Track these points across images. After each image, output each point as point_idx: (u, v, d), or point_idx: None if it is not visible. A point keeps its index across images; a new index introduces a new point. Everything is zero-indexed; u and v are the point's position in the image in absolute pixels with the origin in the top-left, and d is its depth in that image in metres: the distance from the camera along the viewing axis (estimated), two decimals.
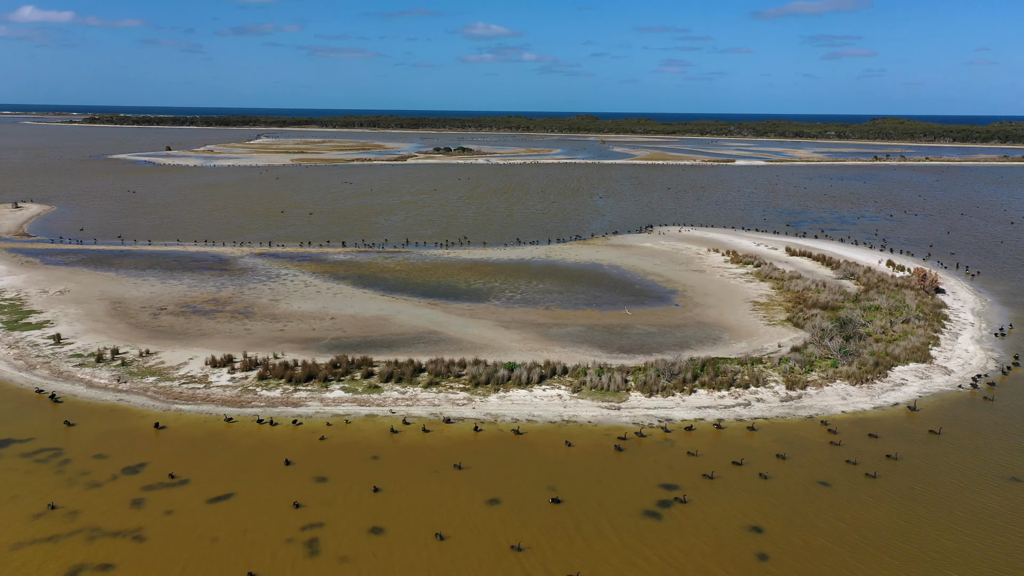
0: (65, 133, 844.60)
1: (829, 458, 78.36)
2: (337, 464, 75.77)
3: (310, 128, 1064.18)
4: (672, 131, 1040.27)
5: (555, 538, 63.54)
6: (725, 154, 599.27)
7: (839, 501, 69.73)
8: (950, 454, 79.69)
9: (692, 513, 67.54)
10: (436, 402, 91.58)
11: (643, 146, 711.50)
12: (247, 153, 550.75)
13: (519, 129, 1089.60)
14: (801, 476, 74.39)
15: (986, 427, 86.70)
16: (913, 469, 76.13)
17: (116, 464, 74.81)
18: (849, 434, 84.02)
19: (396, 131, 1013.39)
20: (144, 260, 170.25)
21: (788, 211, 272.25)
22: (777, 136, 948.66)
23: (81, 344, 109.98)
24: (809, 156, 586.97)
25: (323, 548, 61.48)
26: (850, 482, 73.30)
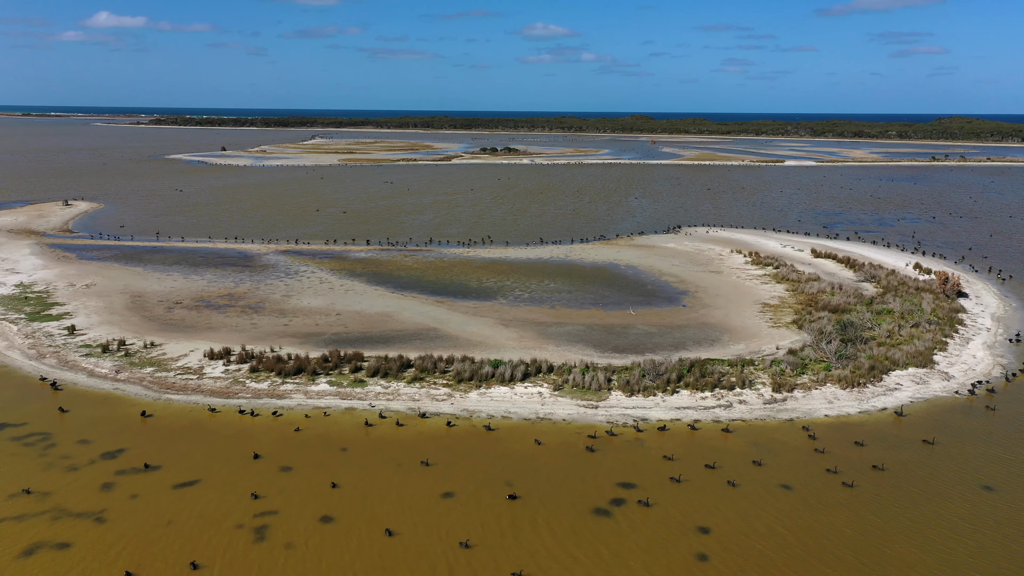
0: (130, 134, 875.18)
1: (798, 461, 77.13)
2: (305, 455, 77.69)
3: (365, 129, 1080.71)
4: (727, 131, 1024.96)
5: (505, 535, 64.02)
6: (776, 154, 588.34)
7: (797, 506, 68.64)
8: (926, 460, 77.62)
9: (642, 512, 67.36)
10: (417, 397, 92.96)
11: (693, 146, 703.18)
12: (298, 153, 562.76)
13: (571, 129, 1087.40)
14: (764, 479, 73.41)
15: (971, 434, 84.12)
16: (884, 474, 74.37)
17: (97, 449, 78.05)
18: (828, 438, 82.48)
19: (448, 131, 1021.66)
20: (172, 256, 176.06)
21: (827, 212, 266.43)
22: (835, 136, 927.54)
23: (93, 335, 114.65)
24: (864, 156, 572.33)
25: (270, 535, 63.25)
26: (814, 487, 72.04)
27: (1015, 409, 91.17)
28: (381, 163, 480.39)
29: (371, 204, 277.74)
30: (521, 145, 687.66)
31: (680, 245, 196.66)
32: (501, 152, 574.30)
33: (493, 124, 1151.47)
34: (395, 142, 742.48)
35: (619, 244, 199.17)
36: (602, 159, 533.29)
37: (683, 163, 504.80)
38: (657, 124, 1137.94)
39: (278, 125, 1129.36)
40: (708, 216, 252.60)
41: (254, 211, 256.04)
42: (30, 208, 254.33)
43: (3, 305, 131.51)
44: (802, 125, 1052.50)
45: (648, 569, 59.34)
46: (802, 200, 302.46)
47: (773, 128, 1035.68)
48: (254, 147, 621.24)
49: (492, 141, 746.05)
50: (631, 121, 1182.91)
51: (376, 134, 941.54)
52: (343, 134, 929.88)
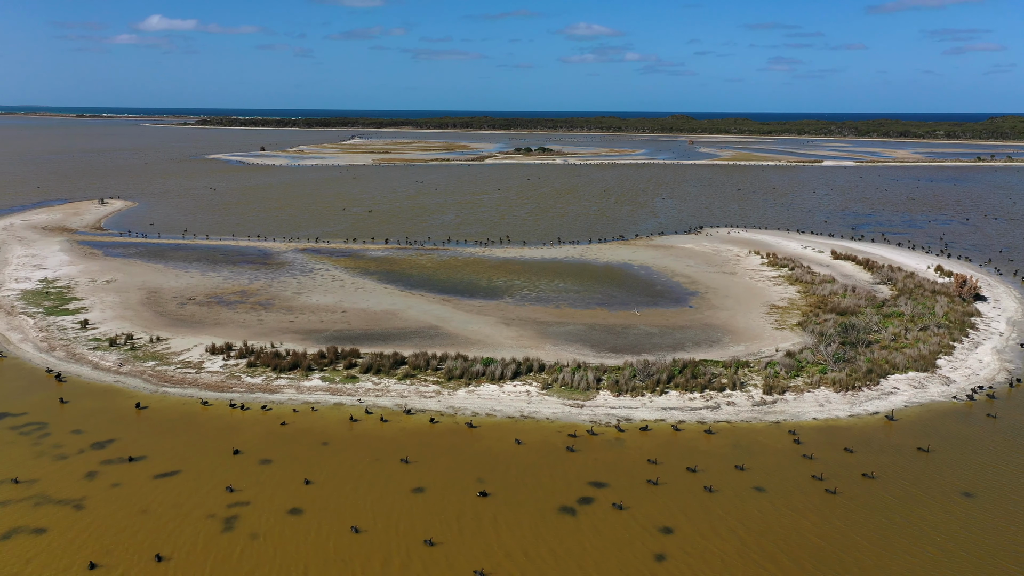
0: (175, 135, 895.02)
1: (776, 464, 76.35)
2: (286, 448, 79.21)
3: (404, 129, 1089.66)
4: (768, 131, 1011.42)
5: (469, 531, 64.44)
6: (814, 154, 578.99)
7: (766, 509, 68.01)
8: (908, 465, 76.21)
9: (608, 511, 67.42)
10: (405, 394, 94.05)
11: (731, 147, 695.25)
12: (335, 153, 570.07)
13: (610, 129, 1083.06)
14: (738, 480, 72.84)
15: (961, 439, 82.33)
16: (861, 478, 73.27)
17: (88, 439, 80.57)
18: (812, 441, 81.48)
19: (487, 132, 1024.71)
20: (194, 253, 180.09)
21: (856, 213, 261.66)
22: (880, 136, 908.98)
23: (103, 329, 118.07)
24: (906, 157, 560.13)
25: (239, 525, 64.75)
26: (787, 490, 71.29)
27: (1014, 415, 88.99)
28: (414, 163, 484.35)
29: (397, 203, 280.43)
30: (557, 145, 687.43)
31: (698, 246, 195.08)
32: (535, 152, 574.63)
33: (532, 124, 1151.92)
34: (432, 142, 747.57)
35: (637, 244, 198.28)
36: (636, 159, 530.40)
37: (718, 163, 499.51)
38: (697, 124, 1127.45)
39: (320, 126, 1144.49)
40: (733, 217, 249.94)
41: (281, 210, 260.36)
42: (67, 206, 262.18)
43: (25, 299, 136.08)
44: (846, 125, 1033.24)
45: (600, 568, 59.41)
46: (833, 201, 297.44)
47: (816, 128, 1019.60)
48: (292, 147, 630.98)
49: (528, 141, 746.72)
50: (671, 121, 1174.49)
51: (414, 134, 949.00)
52: (382, 134, 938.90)
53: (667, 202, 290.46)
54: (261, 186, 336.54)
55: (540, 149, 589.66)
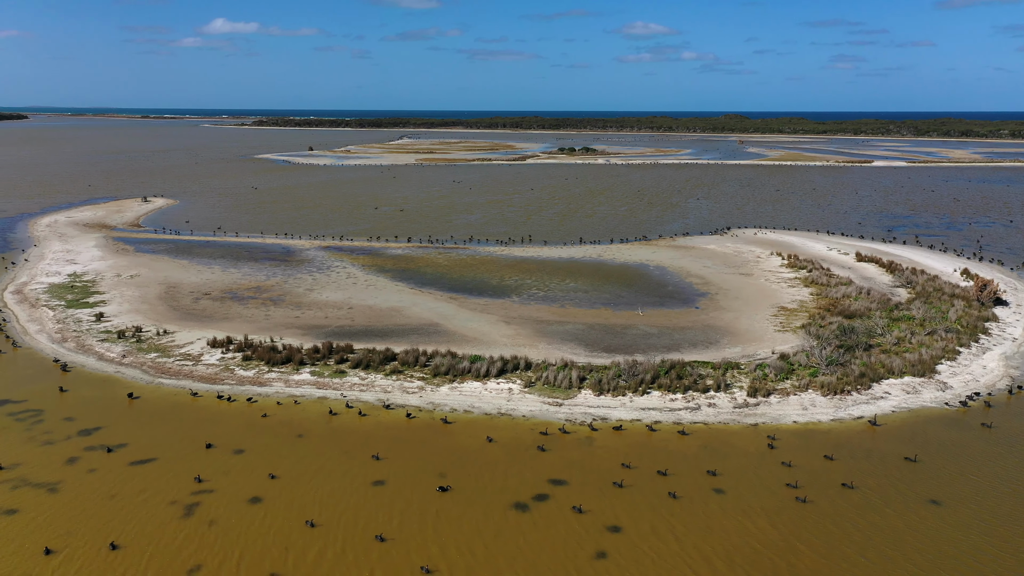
0: (231, 135, 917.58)
1: (743, 466, 75.47)
2: (261, 440, 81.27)
3: (454, 129, 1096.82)
4: (823, 131, 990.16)
5: (421, 526, 65.12)
6: (866, 154, 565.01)
7: (719, 511, 67.36)
8: (878, 471, 74.54)
9: (560, 509, 67.65)
10: (389, 389, 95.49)
11: (781, 146, 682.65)
12: (380, 153, 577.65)
13: (661, 129, 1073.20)
14: (700, 482, 72.26)
15: (942, 446, 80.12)
16: (828, 482, 71.98)
17: (77, 427, 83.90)
18: (787, 444, 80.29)
19: (536, 132, 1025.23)
20: (220, 250, 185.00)
21: (895, 215, 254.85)
22: (941, 136, 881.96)
23: (116, 322, 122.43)
24: (963, 157, 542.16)
25: (199, 512, 66.83)
26: (747, 492, 70.43)
27: (1006, 423, 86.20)
28: (456, 163, 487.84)
29: (428, 202, 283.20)
30: (603, 145, 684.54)
31: (721, 247, 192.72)
32: (579, 152, 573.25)
33: (582, 124, 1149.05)
34: (478, 142, 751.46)
35: (658, 245, 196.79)
36: (680, 159, 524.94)
37: (763, 163, 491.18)
38: (751, 123, 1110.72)
39: (371, 126, 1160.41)
40: (766, 218, 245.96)
41: (314, 208, 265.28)
42: (111, 204, 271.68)
43: (50, 292, 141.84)
44: (906, 124, 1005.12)
45: (537, 563, 59.75)
46: (874, 202, 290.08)
47: (874, 127, 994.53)
48: (339, 147, 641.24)
49: (575, 141, 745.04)
50: (724, 121, 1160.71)
51: (463, 134, 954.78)
52: (431, 134, 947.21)
53: (700, 203, 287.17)
54: (300, 185, 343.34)
55: (584, 149, 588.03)
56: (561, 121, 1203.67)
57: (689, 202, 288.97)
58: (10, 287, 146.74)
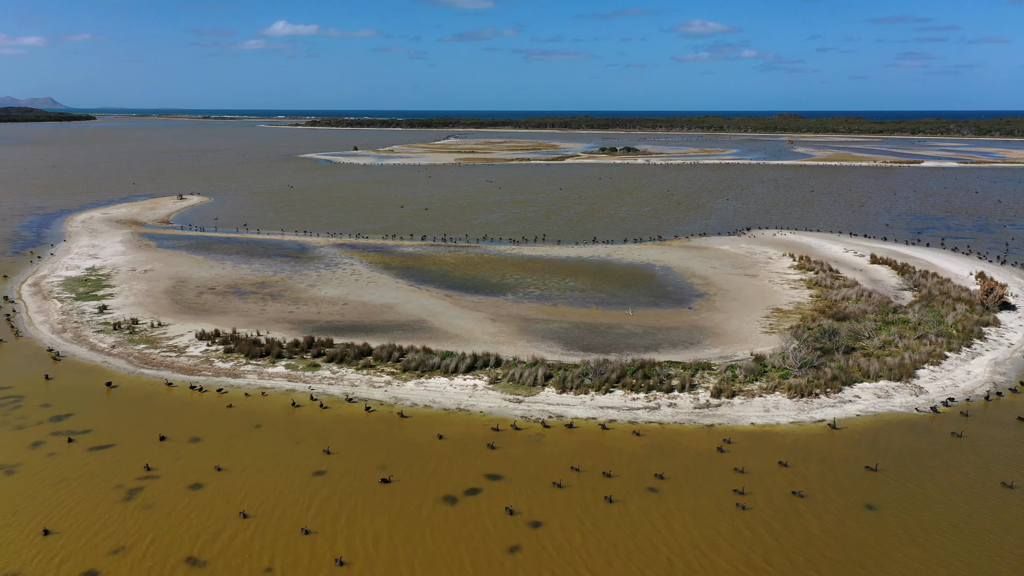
0: (283, 135, 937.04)
1: (685, 465, 74.95)
2: (219, 429, 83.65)
3: (503, 129, 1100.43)
4: (880, 130, 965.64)
5: (351, 518, 66.15)
6: (917, 155, 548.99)
7: (644, 509, 67.13)
8: (818, 472, 73.22)
9: (487, 502, 68.30)
10: (356, 383, 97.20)
11: (831, 146, 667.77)
12: (422, 153, 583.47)
13: (711, 129, 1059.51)
14: (636, 480, 72.05)
15: (897, 451, 78.22)
16: (766, 485, 71.01)
17: (51, 413, 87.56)
18: (738, 445, 79.37)
19: (584, 132, 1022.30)
20: (237, 246, 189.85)
21: (927, 216, 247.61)
22: (1003, 135, 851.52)
23: (117, 315, 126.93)
24: (1021, 157, 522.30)
25: (139, 496, 69.29)
26: (679, 492, 69.98)
27: (974, 429, 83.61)
28: (494, 162, 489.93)
29: (454, 201, 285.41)
30: (648, 145, 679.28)
31: (735, 247, 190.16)
32: (619, 152, 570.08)
33: (631, 124, 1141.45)
34: (523, 142, 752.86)
35: (671, 245, 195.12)
36: (722, 160, 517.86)
37: (806, 164, 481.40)
38: (805, 123, 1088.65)
39: (422, 126, 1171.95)
40: (791, 219, 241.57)
41: (341, 206, 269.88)
42: (148, 201, 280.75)
43: (65, 285, 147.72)
44: (968, 124, 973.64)
45: (451, 553, 60.50)
46: (909, 204, 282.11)
47: (933, 127, 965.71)
48: (384, 147, 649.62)
49: (621, 141, 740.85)
50: (778, 120, 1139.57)
51: (509, 134, 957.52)
52: (478, 134, 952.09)
53: (728, 204, 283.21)
54: (335, 184, 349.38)
55: (625, 149, 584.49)
56: (610, 121, 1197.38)
57: (717, 203, 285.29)
58: (30, 280, 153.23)
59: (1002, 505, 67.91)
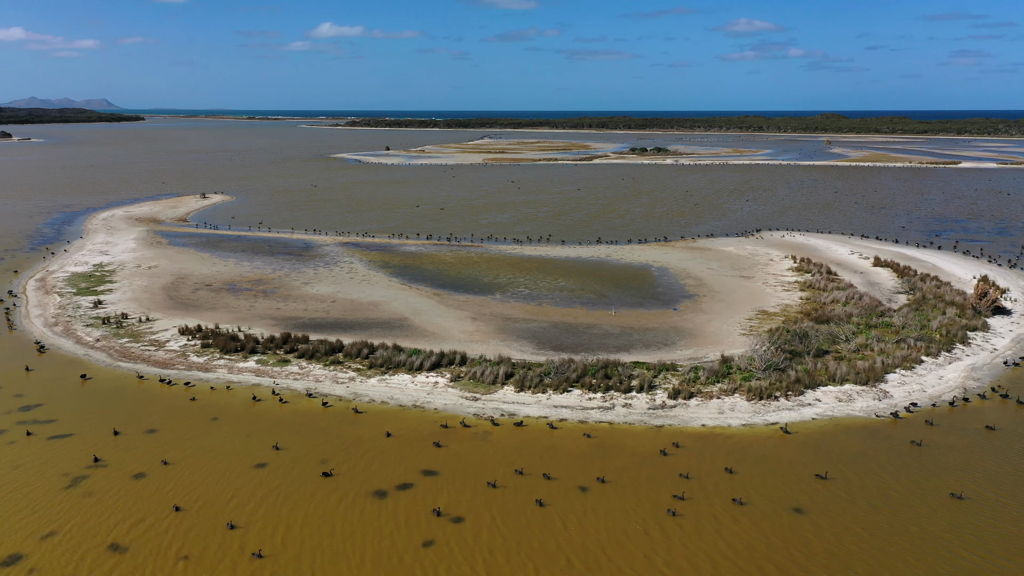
0: (320, 135, 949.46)
1: (623, 465, 74.82)
2: (177, 421, 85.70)
3: (540, 129, 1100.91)
4: (923, 130, 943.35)
5: (279, 510, 67.20)
6: (955, 155, 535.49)
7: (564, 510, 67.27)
8: (755, 473, 72.52)
9: (412, 497, 69.08)
10: (321, 378, 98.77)
11: (870, 147, 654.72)
12: (453, 153, 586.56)
13: (751, 129, 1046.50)
14: (567, 478, 72.19)
15: (846, 455, 77.06)
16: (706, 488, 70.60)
17: (21, 403, 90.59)
18: (686, 447, 78.89)
19: (621, 132, 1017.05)
20: (244, 244, 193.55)
21: (946, 219, 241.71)
22: None
23: (110, 309, 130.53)
24: None
25: (83, 484, 71.49)
26: (604, 492, 69.96)
27: (928, 436, 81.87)
28: (520, 163, 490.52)
29: (470, 201, 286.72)
30: (681, 145, 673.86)
31: (739, 249, 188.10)
32: (649, 152, 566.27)
33: (669, 124, 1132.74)
34: (555, 142, 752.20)
35: (675, 246, 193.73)
36: (752, 160, 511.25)
37: (839, 165, 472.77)
38: (847, 123, 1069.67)
39: (459, 126, 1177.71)
40: (806, 221, 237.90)
41: (357, 205, 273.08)
42: (172, 200, 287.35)
43: (69, 280, 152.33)
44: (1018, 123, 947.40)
45: (367, 543, 61.43)
46: (933, 205, 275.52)
47: (981, 127, 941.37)
48: (416, 147, 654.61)
49: (656, 142, 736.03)
50: (820, 120, 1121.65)
51: (544, 134, 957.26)
52: (513, 134, 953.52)
53: (746, 205, 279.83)
54: (358, 183, 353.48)
55: (655, 149, 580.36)
56: (648, 121, 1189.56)
57: (734, 204, 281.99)
58: (38, 275, 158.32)
59: (948, 516, 66.07)
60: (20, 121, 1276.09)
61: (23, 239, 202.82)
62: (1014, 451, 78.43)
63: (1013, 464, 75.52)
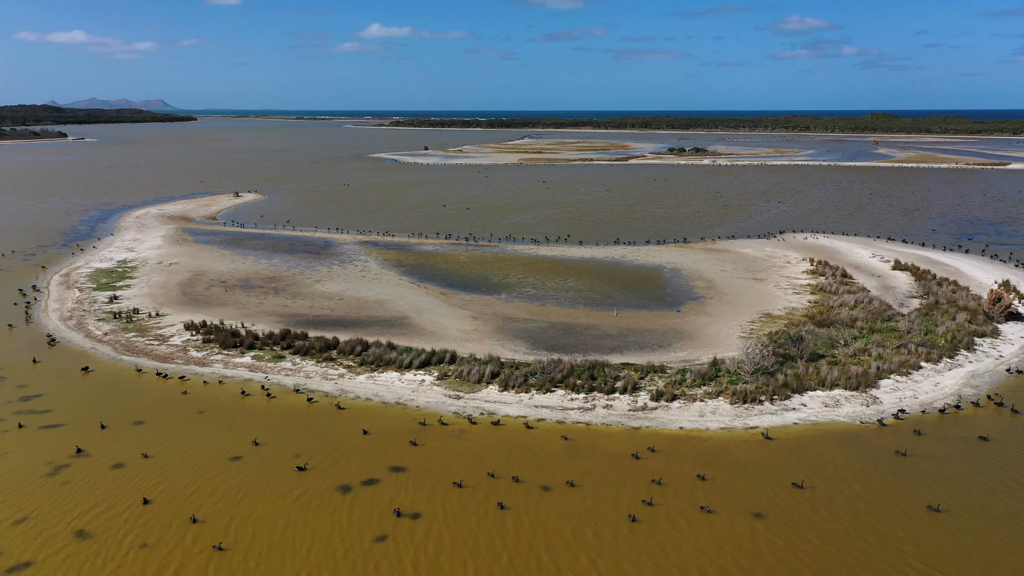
0: (363, 135, 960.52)
1: (591, 466, 74.74)
2: (165, 414, 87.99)
3: (583, 129, 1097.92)
4: (978, 130, 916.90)
5: (249, 504, 68.64)
6: (1005, 156, 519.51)
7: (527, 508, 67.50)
8: (725, 477, 71.79)
9: (374, 492, 69.99)
10: (312, 375, 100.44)
11: (918, 147, 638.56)
12: (490, 153, 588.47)
13: (797, 129, 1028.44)
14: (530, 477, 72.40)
15: (821, 461, 75.83)
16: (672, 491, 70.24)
17: (22, 393, 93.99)
18: (659, 450, 78.48)
19: (664, 132, 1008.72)
20: (266, 242, 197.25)
21: (980, 222, 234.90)
22: None
23: (124, 304, 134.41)
24: None
25: (63, 473, 74.00)
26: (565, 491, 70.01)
27: (913, 443, 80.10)
28: (555, 163, 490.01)
29: (496, 201, 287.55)
30: (723, 145, 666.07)
31: (758, 251, 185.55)
32: (688, 152, 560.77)
33: (713, 124, 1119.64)
34: (595, 142, 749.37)
35: (693, 247, 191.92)
36: (792, 160, 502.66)
37: (881, 166, 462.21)
38: (898, 123, 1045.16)
39: (502, 126, 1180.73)
40: (834, 223, 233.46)
41: (384, 204, 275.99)
42: (205, 198, 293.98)
43: (92, 276, 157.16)
44: None
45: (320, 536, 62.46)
46: (970, 208, 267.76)
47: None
48: (454, 147, 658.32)
49: (698, 142, 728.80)
50: (870, 120, 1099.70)
51: (586, 134, 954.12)
52: (554, 134, 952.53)
53: (774, 206, 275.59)
54: (389, 183, 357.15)
55: (694, 150, 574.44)
56: (692, 121, 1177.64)
57: (763, 205, 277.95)
58: (63, 271, 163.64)
59: (911, 527, 64.55)
60: (79, 121, 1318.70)
61: (57, 236, 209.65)
62: (996, 461, 76.31)
63: (992, 475, 73.49)
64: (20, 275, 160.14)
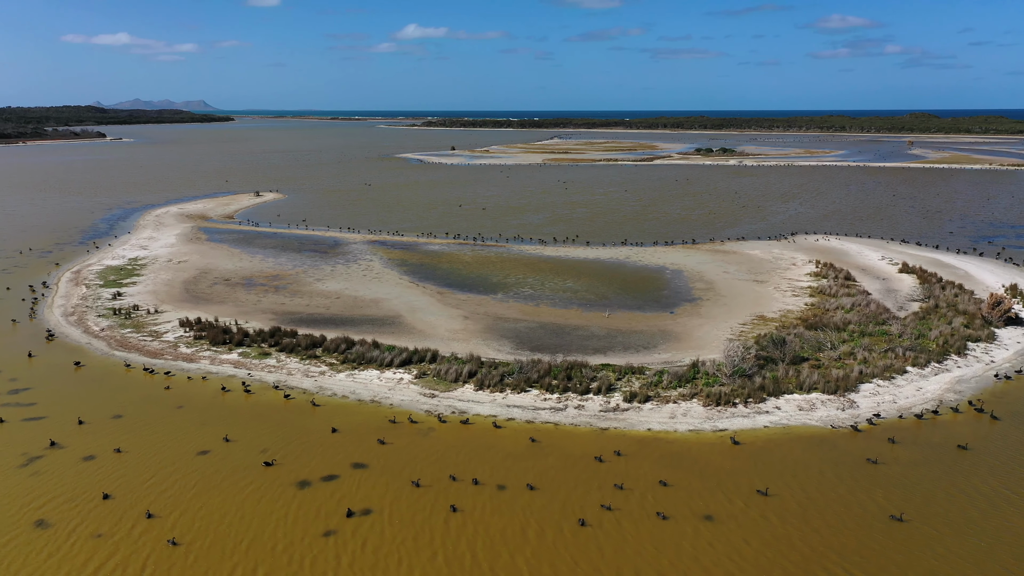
0: (392, 135, 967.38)
1: (548, 466, 74.92)
2: (144, 408, 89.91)
3: (614, 129, 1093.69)
4: (1019, 130, 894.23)
5: (206, 499, 69.72)
6: None
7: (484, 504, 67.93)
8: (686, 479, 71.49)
9: (333, 488, 70.90)
10: (293, 371, 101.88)
11: (954, 147, 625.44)
12: (516, 153, 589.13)
13: (831, 129, 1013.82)
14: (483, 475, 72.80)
15: (784, 463, 75.13)
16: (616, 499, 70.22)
17: (11, 386, 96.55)
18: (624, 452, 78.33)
19: (695, 132, 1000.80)
20: (277, 241, 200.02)
21: (1001, 224, 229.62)
22: None
23: (126, 301, 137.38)
24: None
25: (35, 464, 76.03)
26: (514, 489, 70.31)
27: (883, 449, 78.94)
28: (579, 163, 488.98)
29: (512, 202, 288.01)
30: (752, 146, 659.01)
31: (765, 252, 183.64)
32: (715, 153, 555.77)
33: (746, 124, 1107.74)
34: (623, 142, 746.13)
35: (699, 249, 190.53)
36: (821, 161, 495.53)
37: (913, 166, 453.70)
38: (937, 123, 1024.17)
39: (532, 126, 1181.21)
40: (846, 225, 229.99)
41: (400, 204, 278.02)
42: (226, 197, 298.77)
43: (101, 273, 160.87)
44: None
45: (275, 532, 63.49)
46: (994, 211, 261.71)
47: None
48: (481, 147, 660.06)
49: (728, 142, 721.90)
50: (908, 120, 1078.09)
51: (616, 134, 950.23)
52: (585, 135, 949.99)
53: (792, 207, 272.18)
54: (410, 183, 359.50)
55: (721, 150, 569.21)
56: (725, 121, 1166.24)
57: (781, 206, 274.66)
58: (75, 267, 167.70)
59: (883, 539, 63.29)
60: (120, 122, 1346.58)
61: (76, 233, 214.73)
62: (961, 468, 74.84)
63: (953, 482, 72.10)
64: (34, 272, 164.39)
